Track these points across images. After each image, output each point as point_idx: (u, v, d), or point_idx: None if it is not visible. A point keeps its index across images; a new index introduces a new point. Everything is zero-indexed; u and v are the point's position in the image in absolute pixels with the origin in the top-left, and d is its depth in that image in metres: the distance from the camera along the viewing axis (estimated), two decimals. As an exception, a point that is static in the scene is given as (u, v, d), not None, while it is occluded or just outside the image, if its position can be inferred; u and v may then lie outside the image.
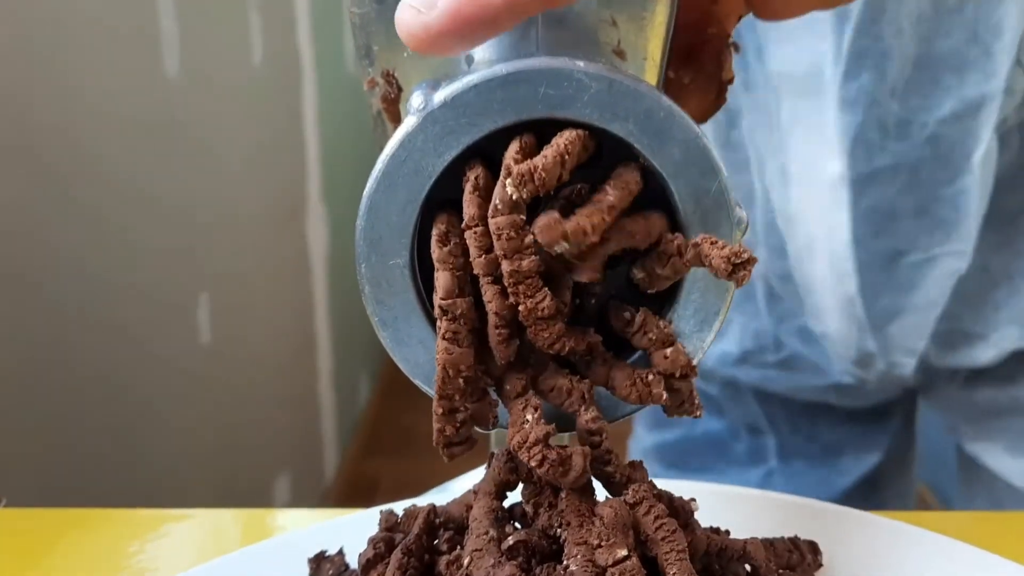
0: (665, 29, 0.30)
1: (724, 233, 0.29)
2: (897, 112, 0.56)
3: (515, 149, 0.27)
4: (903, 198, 0.58)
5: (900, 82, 0.56)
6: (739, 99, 0.61)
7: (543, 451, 0.28)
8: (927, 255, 0.59)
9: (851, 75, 0.56)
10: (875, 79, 0.56)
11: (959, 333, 0.62)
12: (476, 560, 0.30)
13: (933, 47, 0.55)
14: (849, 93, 0.56)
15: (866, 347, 0.63)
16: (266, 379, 1.52)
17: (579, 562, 0.28)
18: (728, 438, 0.73)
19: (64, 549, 0.47)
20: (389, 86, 0.31)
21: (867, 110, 0.56)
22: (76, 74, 0.96)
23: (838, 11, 0.55)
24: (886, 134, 0.57)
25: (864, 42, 0.55)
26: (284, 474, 1.59)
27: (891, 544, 0.39)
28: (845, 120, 0.57)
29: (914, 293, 0.61)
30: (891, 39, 0.55)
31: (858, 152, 0.57)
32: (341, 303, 1.86)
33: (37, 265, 0.91)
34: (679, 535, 0.29)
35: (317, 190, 1.76)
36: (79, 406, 0.98)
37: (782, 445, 0.72)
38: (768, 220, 0.63)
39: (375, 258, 0.29)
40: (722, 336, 0.69)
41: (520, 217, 0.27)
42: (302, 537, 0.40)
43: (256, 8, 1.44)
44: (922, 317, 0.61)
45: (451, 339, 0.28)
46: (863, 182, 0.58)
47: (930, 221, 0.59)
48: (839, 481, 0.72)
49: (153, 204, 1.13)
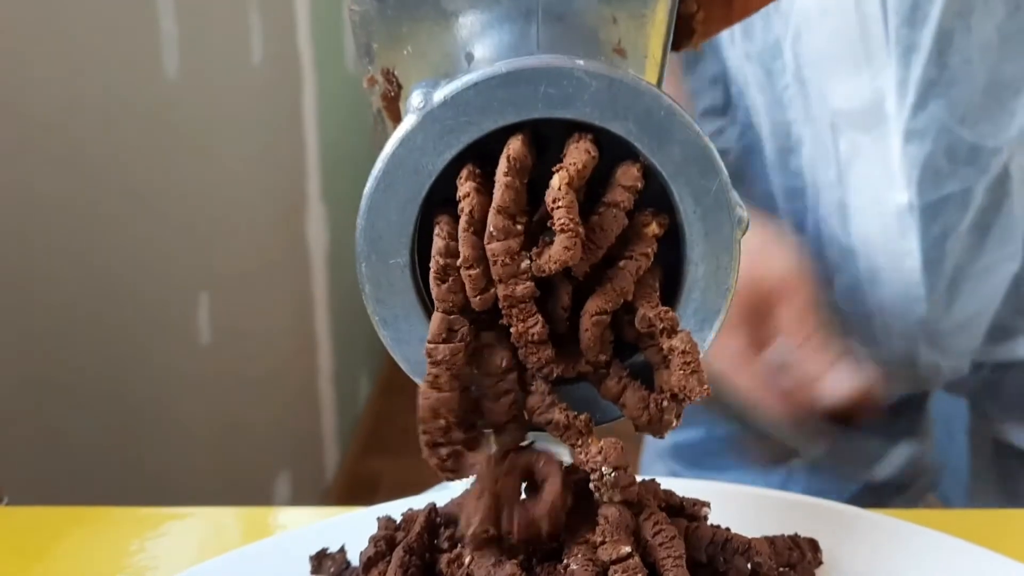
0: (665, 27, 0.30)
1: (724, 232, 0.29)
2: (967, 139, 0.58)
3: (504, 169, 0.27)
4: (965, 218, 0.60)
5: (970, 110, 0.58)
6: (801, 128, 0.62)
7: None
8: (985, 264, 0.62)
9: (919, 106, 0.58)
10: (944, 108, 0.57)
11: (1003, 330, 0.64)
12: (477, 558, 0.30)
13: (999, 73, 0.57)
14: (917, 124, 0.58)
15: (928, 360, 0.65)
16: (266, 378, 1.52)
17: (580, 561, 0.28)
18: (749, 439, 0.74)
19: (65, 548, 0.47)
20: (389, 84, 0.31)
21: (935, 140, 0.58)
22: (76, 74, 0.96)
23: (904, 44, 0.57)
24: (955, 161, 0.59)
25: (933, 73, 0.57)
26: (284, 473, 1.59)
27: (891, 542, 0.39)
28: (912, 151, 0.58)
29: (973, 303, 0.63)
30: (959, 68, 0.57)
31: (926, 181, 0.59)
32: (341, 302, 1.85)
33: (37, 266, 0.91)
34: (678, 542, 0.29)
35: (317, 190, 1.76)
36: (79, 406, 0.98)
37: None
38: (815, 251, 0.64)
39: (375, 257, 0.29)
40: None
41: (515, 243, 0.27)
42: (303, 535, 0.40)
43: (256, 8, 1.44)
44: (979, 323, 0.63)
45: (431, 383, 0.29)
46: (933, 209, 0.60)
47: (981, 231, 0.61)
48: (860, 479, 0.72)
49: (153, 204, 1.13)
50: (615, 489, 0.29)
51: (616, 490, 0.29)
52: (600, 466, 0.29)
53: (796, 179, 0.63)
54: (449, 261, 0.28)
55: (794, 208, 0.64)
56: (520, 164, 0.27)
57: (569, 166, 0.27)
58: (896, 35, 0.57)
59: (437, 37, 0.30)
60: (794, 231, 0.64)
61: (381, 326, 0.30)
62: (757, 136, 0.64)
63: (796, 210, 0.64)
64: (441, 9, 0.29)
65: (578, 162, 0.27)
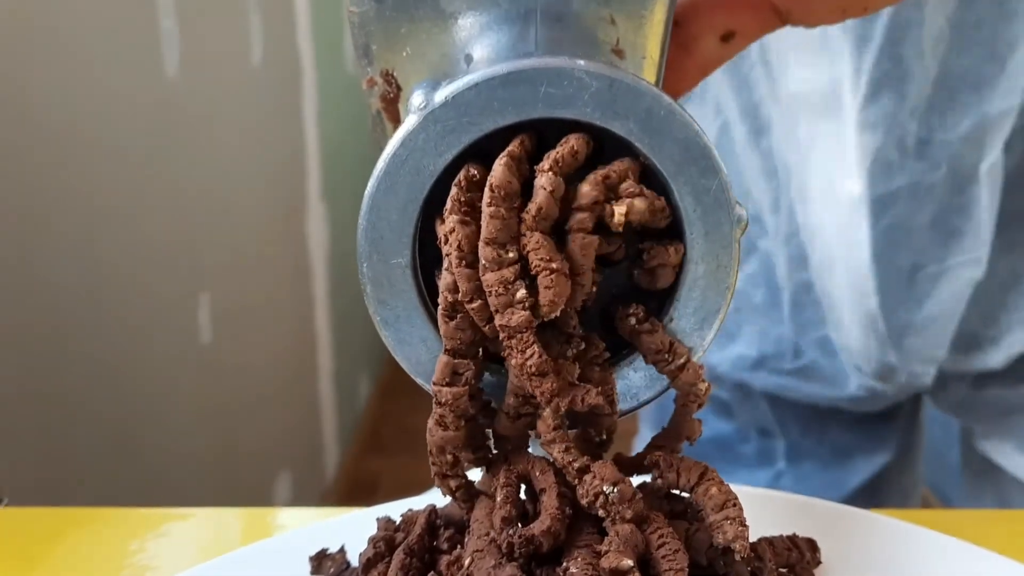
0: (664, 27, 0.30)
1: (724, 231, 0.29)
2: (916, 132, 0.57)
3: (488, 199, 0.27)
4: (918, 213, 0.59)
5: (920, 103, 0.56)
6: (770, 109, 0.61)
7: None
8: (943, 266, 0.60)
9: (871, 98, 0.57)
10: (896, 101, 0.56)
11: (971, 338, 0.63)
12: (477, 560, 0.30)
13: (952, 66, 0.55)
14: (869, 116, 0.57)
15: (887, 360, 0.64)
16: (266, 379, 1.52)
17: (580, 564, 0.28)
18: (737, 440, 0.73)
19: (64, 548, 0.47)
20: (388, 85, 0.31)
21: (887, 132, 0.57)
22: (76, 74, 0.96)
23: (857, 34, 0.56)
24: (905, 154, 0.58)
25: (885, 66, 0.56)
26: (285, 473, 1.59)
27: (890, 542, 0.39)
28: (864, 142, 0.57)
29: (933, 305, 0.61)
30: (912, 61, 0.56)
31: (877, 173, 0.58)
32: (341, 303, 1.86)
33: (37, 266, 0.91)
34: (681, 556, 0.29)
35: (317, 190, 1.76)
36: (79, 406, 0.98)
37: (791, 447, 0.72)
38: (791, 230, 0.64)
39: (376, 257, 0.29)
40: (739, 339, 0.69)
41: (508, 272, 0.27)
42: (303, 536, 0.40)
43: (256, 8, 1.44)
44: (942, 327, 0.62)
45: (437, 421, 0.30)
46: (883, 202, 0.59)
47: (944, 232, 0.59)
48: (848, 482, 0.72)
49: (153, 204, 1.13)
50: (622, 505, 0.29)
51: (624, 505, 0.29)
52: (600, 488, 0.29)
53: (768, 159, 0.63)
54: (456, 297, 0.28)
55: (769, 187, 0.63)
56: (505, 191, 0.27)
57: (537, 197, 0.27)
58: (851, 23, 0.56)
59: (436, 38, 0.30)
60: (771, 209, 0.64)
61: (382, 327, 0.30)
62: (727, 118, 0.64)
63: (771, 188, 0.64)
64: (440, 10, 0.30)
65: (562, 155, 0.27)
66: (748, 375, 0.70)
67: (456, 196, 0.28)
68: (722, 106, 0.63)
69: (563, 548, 0.30)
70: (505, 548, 0.29)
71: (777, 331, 0.68)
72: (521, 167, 0.28)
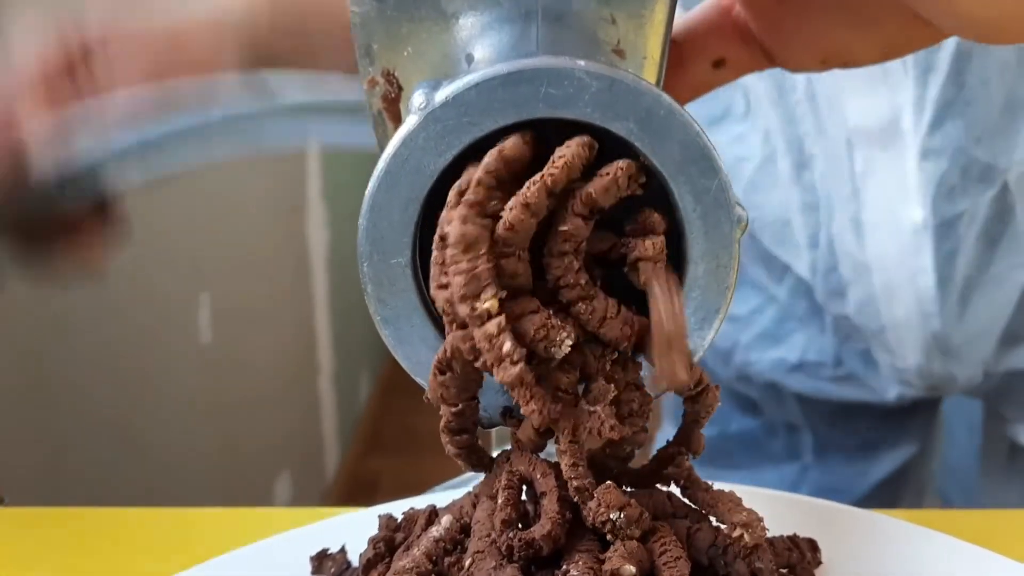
0: (664, 27, 0.30)
1: (724, 231, 0.29)
2: (981, 157, 0.58)
3: (450, 258, 0.27)
4: (971, 232, 0.60)
5: (986, 129, 0.58)
6: (813, 144, 0.62)
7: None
8: (993, 274, 0.62)
9: (936, 125, 0.58)
10: (960, 127, 0.58)
11: (1014, 336, 0.64)
12: (477, 562, 0.30)
13: (1016, 93, 0.57)
14: (934, 143, 0.58)
15: (942, 371, 0.65)
16: (266, 379, 1.52)
17: (581, 568, 0.28)
18: (763, 435, 0.74)
19: (64, 549, 0.47)
20: (389, 85, 0.31)
21: (951, 158, 0.58)
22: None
23: (921, 63, 0.57)
24: (968, 179, 0.59)
25: (951, 92, 0.57)
26: (285, 473, 1.59)
27: (891, 542, 0.39)
28: (928, 169, 0.59)
29: (987, 312, 0.63)
30: (976, 88, 0.57)
31: (940, 199, 0.59)
32: (341, 302, 1.86)
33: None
34: (683, 564, 0.29)
35: (317, 190, 1.76)
36: (79, 406, 0.98)
37: (818, 441, 0.73)
38: (829, 266, 0.64)
39: (377, 257, 0.29)
40: (781, 343, 0.70)
41: (491, 326, 0.27)
42: (303, 536, 0.40)
43: (256, 8, 1.44)
44: (991, 332, 0.64)
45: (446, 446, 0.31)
46: (945, 227, 0.60)
47: (989, 243, 0.61)
48: (872, 474, 0.73)
49: (153, 204, 1.13)
50: (629, 528, 0.29)
51: (632, 527, 0.29)
52: (607, 516, 0.29)
53: (809, 194, 0.64)
54: (446, 356, 0.29)
55: (808, 222, 0.64)
56: (465, 243, 0.27)
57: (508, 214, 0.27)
58: (914, 55, 0.57)
59: (437, 38, 0.30)
60: (808, 245, 0.65)
61: (383, 326, 0.30)
62: (774, 147, 0.64)
63: (810, 223, 0.64)
64: (441, 10, 0.30)
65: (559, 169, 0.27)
66: (783, 376, 0.70)
67: (436, 259, 0.28)
68: (770, 136, 0.64)
69: (563, 551, 0.30)
70: (505, 550, 0.29)
71: (821, 341, 0.69)
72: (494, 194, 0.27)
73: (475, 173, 0.27)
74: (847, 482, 0.72)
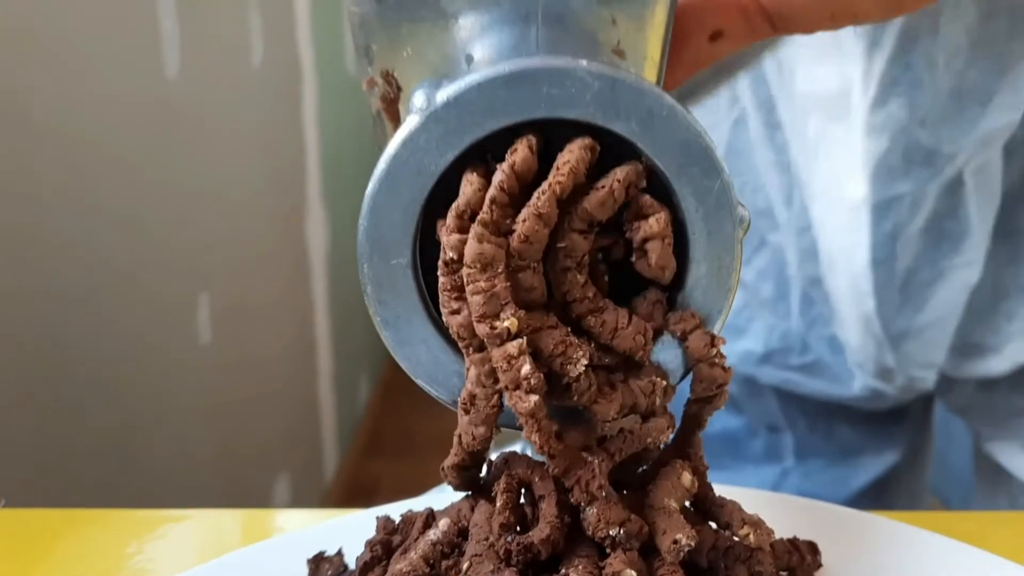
0: (664, 28, 0.30)
1: (726, 232, 0.29)
2: (924, 141, 0.57)
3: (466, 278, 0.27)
4: (915, 219, 0.59)
5: (931, 113, 0.56)
6: (783, 105, 0.61)
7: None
8: (937, 270, 0.60)
9: (880, 102, 0.57)
10: (904, 108, 0.56)
11: (973, 346, 0.63)
12: (475, 565, 0.30)
13: (964, 80, 0.55)
14: (877, 119, 0.57)
15: (885, 362, 0.64)
16: (266, 379, 1.52)
17: (580, 572, 0.28)
18: (745, 436, 0.73)
19: (64, 549, 0.47)
20: (388, 86, 0.31)
21: (893, 138, 0.57)
22: (76, 74, 0.96)
23: (870, 37, 0.56)
24: (910, 162, 0.58)
25: (895, 71, 0.56)
26: (284, 474, 1.59)
27: (891, 544, 0.39)
28: (871, 146, 0.57)
29: (929, 309, 0.61)
30: (923, 70, 0.55)
31: (880, 178, 0.58)
32: (341, 303, 1.85)
33: (36, 265, 0.91)
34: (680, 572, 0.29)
35: (317, 190, 1.76)
36: (79, 406, 0.98)
37: (799, 443, 0.72)
38: (803, 224, 0.64)
39: (377, 258, 0.29)
40: (746, 334, 0.69)
41: (512, 348, 0.27)
42: (301, 537, 0.40)
43: (256, 8, 1.44)
44: (939, 332, 0.62)
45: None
46: (884, 207, 0.59)
47: (936, 235, 0.60)
48: (855, 480, 0.72)
49: (153, 204, 1.13)
50: (630, 541, 0.29)
51: (632, 541, 0.29)
52: (607, 532, 0.29)
53: (782, 153, 0.63)
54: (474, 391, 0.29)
55: (783, 181, 0.64)
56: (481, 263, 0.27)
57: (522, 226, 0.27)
58: (862, 29, 0.55)
59: (437, 39, 0.30)
60: (784, 203, 0.64)
61: (383, 327, 0.30)
62: (744, 110, 0.64)
63: (784, 183, 0.64)
64: (441, 11, 0.29)
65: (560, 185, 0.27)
66: (755, 369, 0.70)
67: (444, 285, 0.28)
68: (739, 97, 0.63)
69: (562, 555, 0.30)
70: (503, 554, 0.29)
71: (785, 326, 0.68)
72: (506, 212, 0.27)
73: (488, 191, 0.27)
74: (828, 487, 0.71)
